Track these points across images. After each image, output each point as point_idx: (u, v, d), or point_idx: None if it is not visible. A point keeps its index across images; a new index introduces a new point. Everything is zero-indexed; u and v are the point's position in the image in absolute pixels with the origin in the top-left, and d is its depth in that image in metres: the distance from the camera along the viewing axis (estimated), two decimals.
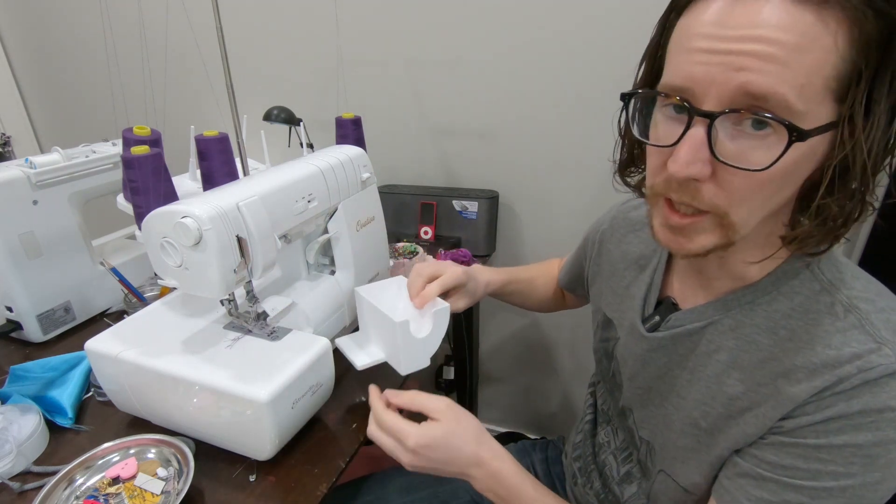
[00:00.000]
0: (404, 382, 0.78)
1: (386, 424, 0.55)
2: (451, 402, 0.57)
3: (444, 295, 0.69)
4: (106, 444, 0.62)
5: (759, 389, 0.45)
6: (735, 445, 0.46)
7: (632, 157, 0.53)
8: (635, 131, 0.45)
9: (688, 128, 0.38)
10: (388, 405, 0.58)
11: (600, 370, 0.69)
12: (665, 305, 0.56)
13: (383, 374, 0.69)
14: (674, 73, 0.39)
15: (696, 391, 0.50)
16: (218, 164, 0.77)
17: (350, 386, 0.75)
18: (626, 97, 0.44)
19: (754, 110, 0.35)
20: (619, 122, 0.49)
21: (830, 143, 0.38)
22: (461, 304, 0.73)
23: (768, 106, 0.35)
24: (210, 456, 0.63)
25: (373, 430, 0.57)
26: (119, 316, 0.93)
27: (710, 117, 0.37)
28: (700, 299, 0.52)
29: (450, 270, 0.69)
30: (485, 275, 0.78)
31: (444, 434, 0.53)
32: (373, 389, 0.60)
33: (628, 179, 0.54)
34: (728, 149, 0.37)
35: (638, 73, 0.47)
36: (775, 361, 0.44)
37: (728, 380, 0.47)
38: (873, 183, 0.38)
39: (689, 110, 0.38)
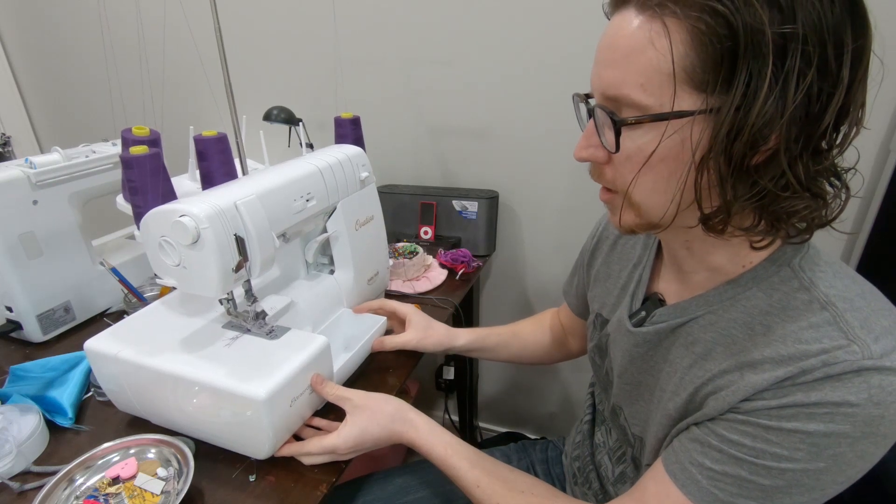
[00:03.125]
0: (405, 382, 0.78)
1: (313, 451, 0.61)
2: (363, 394, 0.64)
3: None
4: (106, 444, 0.62)
5: (724, 376, 0.46)
6: (693, 422, 0.48)
7: None
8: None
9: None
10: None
11: (595, 370, 0.70)
12: (651, 301, 0.57)
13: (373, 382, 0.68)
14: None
15: (672, 383, 0.51)
16: (217, 165, 0.77)
17: (349, 385, 0.75)
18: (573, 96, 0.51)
19: (606, 105, 0.43)
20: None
21: (701, 128, 0.39)
22: (407, 336, 0.78)
23: (620, 103, 0.42)
24: (210, 456, 0.63)
25: (308, 461, 0.62)
26: (119, 316, 0.93)
27: (590, 109, 0.46)
28: (684, 295, 0.53)
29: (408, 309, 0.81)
30: (462, 337, 0.81)
31: (361, 430, 0.61)
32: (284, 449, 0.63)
33: None
34: (606, 136, 0.44)
35: None
36: (745, 353, 0.45)
37: (698, 371, 0.48)
38: (754, 173, 0.39)
39: (585, 106, 0.47)
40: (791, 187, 0.39)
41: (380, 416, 0.62)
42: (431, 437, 0.61)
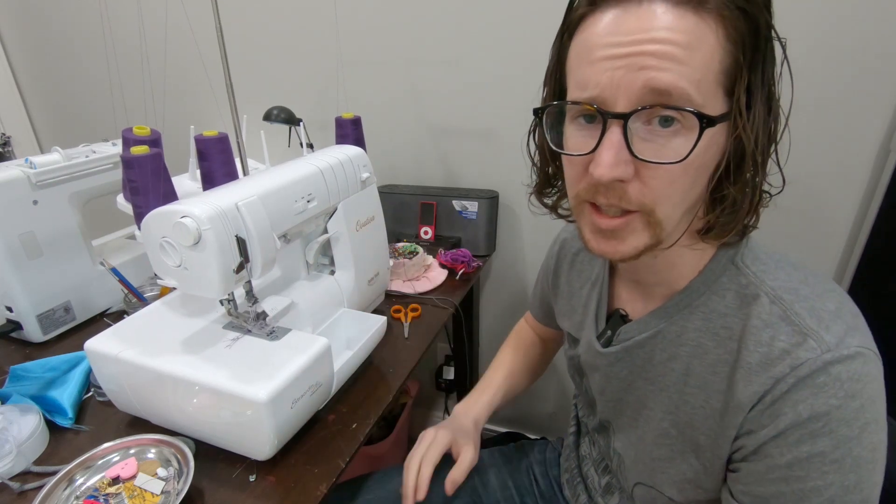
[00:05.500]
0: (405, 382, 0.78)
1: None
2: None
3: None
4: (106, 444, 0.62)
5: (716, 396, 0.46)
6: (704, 453, 0.47)
7: (547, 177, 0.53)
8: (549, 144, 0.46)
9: (604, 132, 0.39)
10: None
11: (576, 386, 0.70)
12: (615, 318, 0.56)
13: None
14: (580, 85, 0.40)
15: (661, 402, 0.51)
16: (218, 164, 0.77)
17: (349, 385, 0.75)
18: (539, 111, 0.45)
19: (663, 105, 0.37)
20: (528, 145, 0.51)
21: (725, 134, 0.40)
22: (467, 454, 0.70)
23: (672, 101, 0.37)
24: (210, 456, 0.63)
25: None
26: (119, 316, 0.93)
27: (624, 118, 0.38)
28: (648, 307, 0.52)
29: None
30: (470, 415, 0.76)
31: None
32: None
33: (546, 201, 0.55)
34: (643, 148, 0.39)
35: (542, 97, 0.49)
36: (722, 364, 0.45)
37: (688, 389, 0.48)
38: (764, 170, 0.41)
39: (602, 115, 0.39)
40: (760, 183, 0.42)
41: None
42: None
